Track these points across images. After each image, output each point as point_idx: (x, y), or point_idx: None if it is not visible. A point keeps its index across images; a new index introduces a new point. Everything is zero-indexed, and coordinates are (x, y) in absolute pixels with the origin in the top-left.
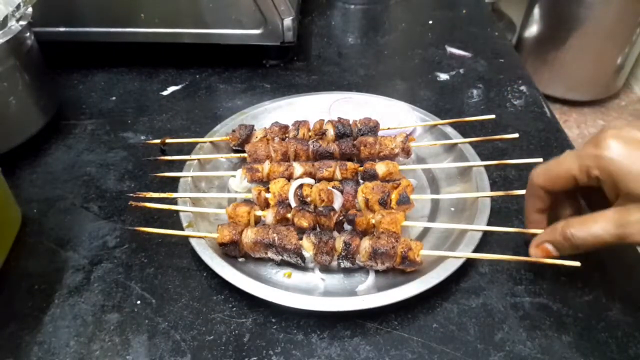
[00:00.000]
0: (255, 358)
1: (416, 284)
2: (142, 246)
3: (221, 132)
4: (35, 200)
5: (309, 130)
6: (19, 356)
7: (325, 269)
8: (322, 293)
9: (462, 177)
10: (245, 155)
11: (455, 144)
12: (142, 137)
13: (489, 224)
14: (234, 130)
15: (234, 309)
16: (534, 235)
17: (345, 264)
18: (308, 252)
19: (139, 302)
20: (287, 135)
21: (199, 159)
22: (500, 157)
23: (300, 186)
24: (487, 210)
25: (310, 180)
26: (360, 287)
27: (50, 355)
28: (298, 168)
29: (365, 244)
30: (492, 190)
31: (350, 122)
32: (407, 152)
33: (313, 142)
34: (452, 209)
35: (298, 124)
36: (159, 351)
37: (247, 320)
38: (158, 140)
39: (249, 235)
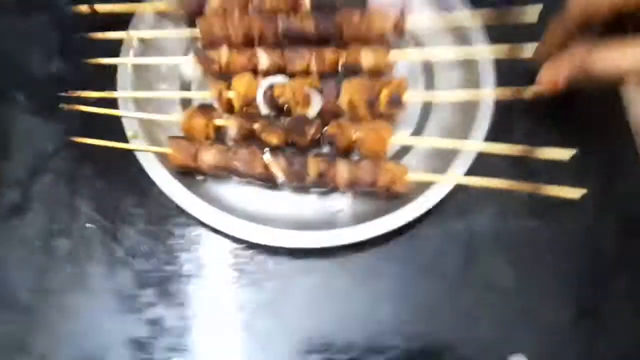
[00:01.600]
0: None
1: (400, 213)
2: (86, 153)
3: None
4: None
5: None
6: None
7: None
8: (294, 222)
9: (463, 67)
10: (197, 31)
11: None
12: None
13: (488, 137)
14: None
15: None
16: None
17: (320, 189)
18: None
19: (88, 224)
20: (250, 3)
21: (140, 39)
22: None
23: (271, 86)
24: (487, 117)
25: (283, 80)
26: (337, 215)
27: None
28: (264, 58)
29: (343, 171)
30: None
31: None
32: (399, 32)
33: (283, 17)
34: (445, 114)
35: None
36: (120, 283)
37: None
38: (85, 7)
39: (205, 160)
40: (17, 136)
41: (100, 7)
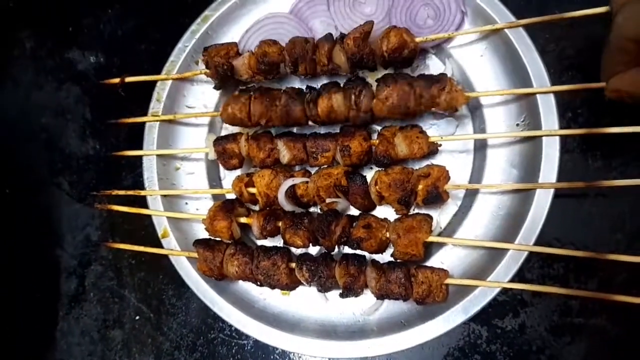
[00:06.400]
0: None
1: (438, 322)
2: (126, 241)
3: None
4: None
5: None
6: None
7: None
8: (322, 327)
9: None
10: (216, 114)
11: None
12: (92, 58)
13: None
14: (205, 50)
15: (233, 327)
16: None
17: (349, 296)
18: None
19: (137, 317)
20: (281, 58)
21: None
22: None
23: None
24: (546, 206)
25: (304, 179)
26: (369, 317)
27: None
28: (284, 152)
29: (372, 282)
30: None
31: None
32: (452, 107)
33: (310, 96)
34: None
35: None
36: None
37: (247, 341)
38: (116, 80)
39: (230, 271)
40: (66, 223)
41: (130, 78)
